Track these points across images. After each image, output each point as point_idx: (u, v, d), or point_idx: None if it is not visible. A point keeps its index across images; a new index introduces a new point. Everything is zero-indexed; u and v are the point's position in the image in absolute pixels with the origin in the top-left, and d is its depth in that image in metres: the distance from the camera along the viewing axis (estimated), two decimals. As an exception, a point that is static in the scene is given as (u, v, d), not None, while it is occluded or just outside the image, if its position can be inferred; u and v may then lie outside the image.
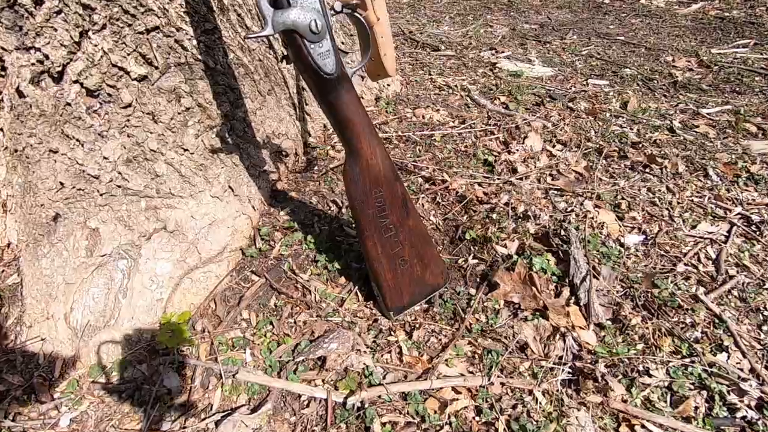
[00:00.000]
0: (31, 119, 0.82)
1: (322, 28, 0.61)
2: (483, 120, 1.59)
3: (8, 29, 0.79)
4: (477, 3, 3.48)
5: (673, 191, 1.36)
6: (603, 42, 2.62)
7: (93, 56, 0.81)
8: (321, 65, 0.63)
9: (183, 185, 0.87)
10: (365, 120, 0.70)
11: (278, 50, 1.13)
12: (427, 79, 1.87)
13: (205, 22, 0.92)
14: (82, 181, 0.81)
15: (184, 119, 0.88)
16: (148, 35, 0.86)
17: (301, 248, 0.95)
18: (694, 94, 2.03)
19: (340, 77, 0.66)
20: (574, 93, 1.98)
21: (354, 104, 0.68)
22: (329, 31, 0.63)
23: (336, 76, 0.65)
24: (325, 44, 0.63)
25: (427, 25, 2.91)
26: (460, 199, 1.13)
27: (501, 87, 1.88)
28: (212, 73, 0.93)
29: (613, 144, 1.58)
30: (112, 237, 0.79)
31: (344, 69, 0.67)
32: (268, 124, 1.09)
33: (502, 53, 2.36)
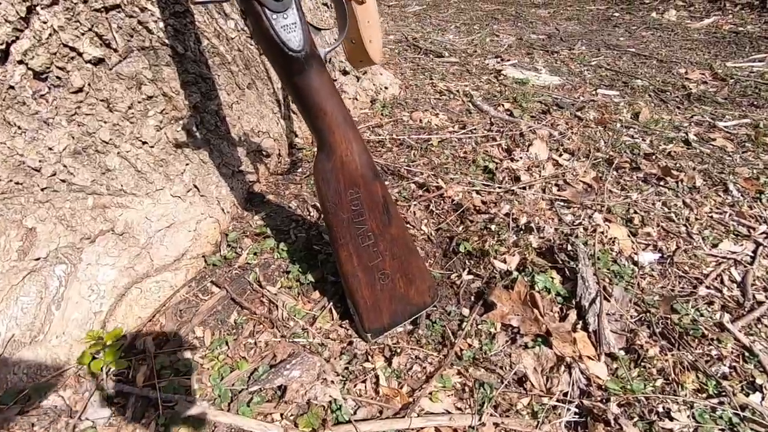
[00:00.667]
0: (-31, 103, 0.72)
1: (287, -4, 0.51)
2: (485, 126, 1.49)
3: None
4: (484, 14, 3.42)
5: (691, 206, 1.25)
6: (613, 53, 2.53)
7: (40, 34, 0.72)
8: (285, 40, 0.53)
9: (138, 182, 0.77)
10: (339, 108, 0.60)
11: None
12: (427, 84, 1.78)
13: (175, 4, 0.84)
14: (21, 174, 0.71)
15: (145, 108, 0.79)
16: (107, 14, 0.77)
17: (272, 257, 0.84)
18: (710, 106, 1.92)
19: (309, 56, 0.56)
20: (582, 102, 1.88)
21: (326, 89, 0.58)
22: (296, 2, 0.53)
23: (304, 54, 0.55)
24: (291, 15, 0.53)
25: (432, 33, 2.84)
26: (455, 207, 1.03)
27: (505, 94, 1.79)
28: (181, 60, 0.84)
29: (625, 155, 1.47)
30: (51, 238, 0.69)
31: (314, 48, 0.57)
32: (246, 120, 0.99)
33: (507, 61, 2.27)
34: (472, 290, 0.86)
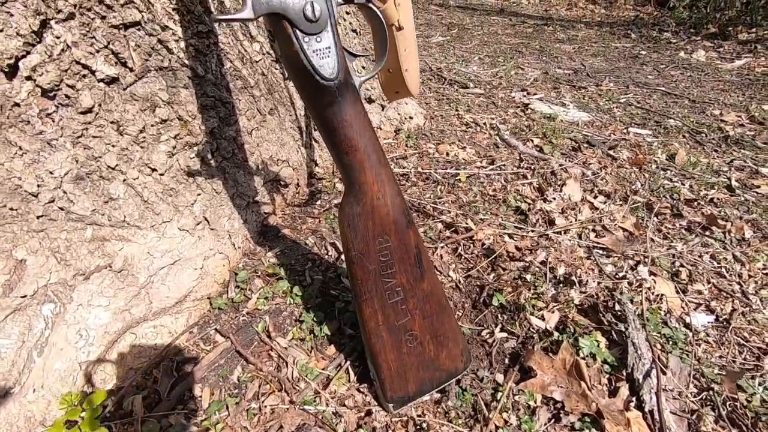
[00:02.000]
0: (-30, 119, 0.67)
1: (322, 15, 0.45)
2: (514, 162, 1.41)
3: (-41, 13, 0.66)
4: (508, 47, 3.40)
5: (742, 261, 1.13)
6: (642, 91, 2.46)
7: (52, 49, 0.67)
8: (317, 66, 0.46)
9: (143, 213, 0.70)
10: (373, 144, 0.52)
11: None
12: (453, 115, 1.72)
13: (198, 23, 0.78)
14: (17, 199, 0.65)
15: (157, 133, 0.73)
16: (125, 31, 0.71)
17: (284, 302, 0.76)
18: (750, 151, 1.82)
19: (342, 85, 0.48)
20: (614, 141, 1.80)
21: (359, 123, 0.51)
22: (331, 20, 0.46)
23: (337, 83, 0.48)
24: (325, 38, 0.46)
25: (456, 63, 2.82)
26: (487, 252, 0.93)
27: (534, 128, 1.71)
28: (200, 83, 0.78)
29: (664, 200, 1.37)
30: (41, 273, 0.62)
31: (349, 75, 0.50)
32: (265, 148, 0.92)
33: (534, 95, 2.21)
34: (507, 351, 0.76)
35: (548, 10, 5.60)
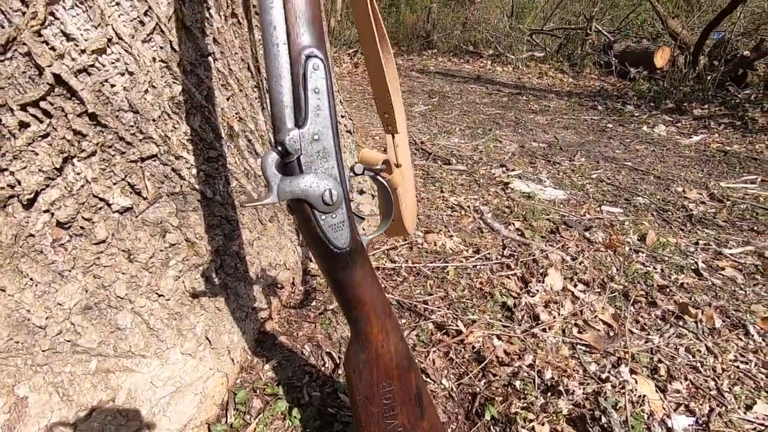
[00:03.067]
0: (-17, 249, 0.69)
1: (338, 198, 0.51)
2: (498, 249, 1.48)
3: (-16, 149, 0.70)
4: (486, 117, 3.63)
5: (714, 353, 1.20)
6: (611, 166, 2.64)
7: (72, 185, 0.71)
8: (332, 239, 0.52)
9: (149, 341, 0.71)
10: (379, 298, 0.57)
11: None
12: (438, 197, 1.81)
13: (209, 149, 0.84)
14: (23, 332, 0.66)
15: (166, 257, 0.76)
16: (142, 163, 0.77)
17: (283, 425, 0.76)
18: (712, 230, 1.96)
19: (353, 251, 0.54)
20: (589, 220, 1.91)
21: (367, 281, 0.56)
22: (346, 200, 0.52)
23: (349, 250, 0.53)
24: (340, 215, 0.52)
25: (438, 135, 2.98)
26: (477, 357, 0.97)
27: (515, 210, 1.81)
28: (209, 204, 0.83)
29: (639, 286, 1.45)
30: (43, 412, 0.62)
31: (358, 236, 0.56)
32: (265, 255, 0.96)
33: (513, 171, 2.35)
34: (500, 468, 0.78)
35: (521, 78, 6.03)
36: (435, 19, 8.32)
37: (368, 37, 0.71)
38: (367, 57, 0.73)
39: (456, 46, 7.73)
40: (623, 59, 6.30)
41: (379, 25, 0.72)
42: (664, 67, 6.14)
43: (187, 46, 0.80)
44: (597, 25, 7.20)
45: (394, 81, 0.76)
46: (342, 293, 0.55)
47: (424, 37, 8.30)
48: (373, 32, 0.70)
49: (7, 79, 0.68)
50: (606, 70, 6.44)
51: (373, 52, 0.71)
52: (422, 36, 8.45)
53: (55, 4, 0.67)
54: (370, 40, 0.70)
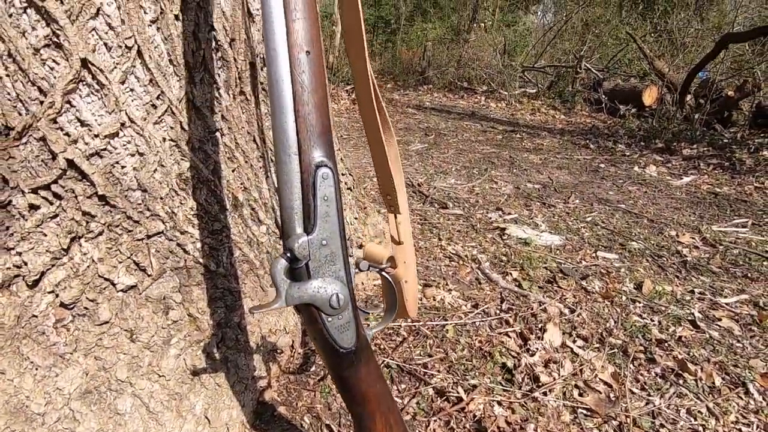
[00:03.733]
0: (-15, 330, 0.69)
1: (345, 301, 0.52)
2: (496, 303, 1.49)
3: (-7, 229, 0.71)
4: (481, 156, 3.70)
5: (716, 414, 1.19)
6: (605, 209, 2.69)
7: (78, 266, 0.72)
8: (338, 339, 0.52)
9: (148, 425, 0.70)
10: (383, 393, 0.57)
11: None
12: (437, 246, 1.83)
13: (214, 222, 0.86)
14: (21, 420, 0.65)
15: (168, 335, 0.76)
16: (147, 240, 0.78)
17: None
18: (707, 277, 1.98)
19: (359, 349, 0.54)
20: (585, 267, 1.93)
21: (372, 376, 0.56)
22: (352, 300, 0.53)
23: (354, 350, 0.54)
24: (345, 315, 0.53)
25: (435, 176, 3.03)
26: (479, 428, 0.96)
27: (512, 259, 1.83)
28: (212, 276, 0.84)
29: (638, 341, 1.46)
30: (36, 508, 0.60)
31: (362, 329, 0.57)
32: (265, 322, 0.96)
33: (508, 215, 2.38)
34: None
35: (514, 115, 6.20)
36: (430, 56, 8.60)
37: (372, 124, 0.74)
38: (370, 141, 0.76)
39: (451, 82, 7.96)
40: (612, 97, 6.51)
41: (381, 111, 0.75)
42: (653, 105, 6.34)
43: (196, 125, 0.82)
44: (586, 64, 7.46)
45: (396, 162, 0.79)
46: (347, 390, 0.55)
47: (420, 73, 8.55)
48: (377, 119, 0.73)
49: (20, 162, 0.70)
50: (596, 107, 6.64)
51: (376, 137, 0.74)
52: (418, 72, 8.71)
53: (72, 93, 0.70)
54: (374, 127, 0.73)
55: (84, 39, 0.68)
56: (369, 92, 0.72)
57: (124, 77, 0.72)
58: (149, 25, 0.73)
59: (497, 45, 8.51)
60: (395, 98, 7.06)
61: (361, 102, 0.74)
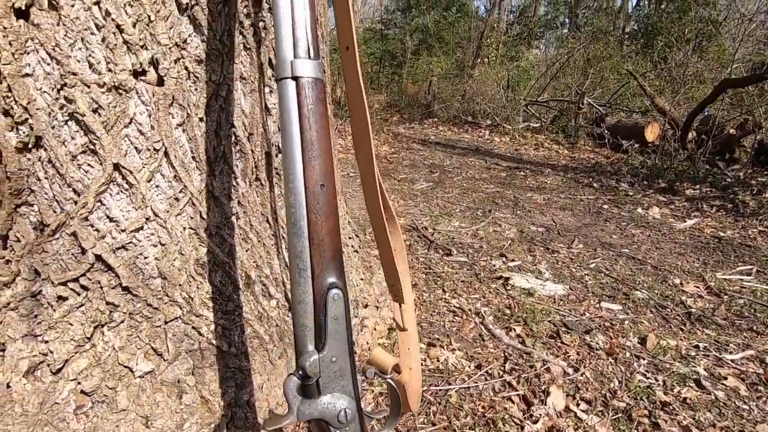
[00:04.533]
0: (9, 416, 0.73)
1: (352, 416, 0.55)
2: (500, 362, 1.50)
3: (22, 317, 0.76)
4: (485, 196, 3.76)
5: (723, 488, 1.19)
6: (609, 254, 2.71)
7: (101, 355, 0.76)
8: (344, 448, 0.56)
9: None
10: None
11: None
12: (440, 299, 1.86)
13: (228, 302, 0.90)
14: None
15: (181, 419, 0.79)
16: (165, 326, 0.82)
17: None
18: (712, 330, 1.98)
19: (365, 457, 0.57)
20: (589, 320, 1.94)
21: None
22: (359, 411, 0.57)
23: (360, 458, 0.57)
24: (353, 427, 0.56)
25: (439, 218, 3.08)
26: (481, 506, 0.96)
27: (515, 312, 1.85)
28: (224, 357, 0.88)
29: (642, 403, 1.46)
30: None
31: None
32: (273, 396, 0.99)
33: (512, 261, 2.41)
34: None
35: (518, 150, 6.29)
36: (435, 90, 8.81)
37: (377, 217, 0.79)
38: (375, 232, 0.81)
39: (455, 116, 8.13)
40: (615, 132, 6.61)
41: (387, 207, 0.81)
42: (655, 141, 6.42)
43: (214, 212, 0.88)
44: (589, 99, 7.61)
45: (400, 253, 0.83)
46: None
47: (426, 107, 8.75)
48: (382, 216, 0.78)
49: (52, 255, 0.76)
50: (599, 142, 6.73)
51: (380, 229, 0.79)
52: (423, 105, 8.91)
53: (104, 193, 0.76)
54: (379, 222, 0.78)
55: (117, 146, 0.75)
56: (375, 191, 0.77)
57: (151, 176, 0.79)
58: (176, 128, 0.80)
59: (501, 80, 8.72)
60: (401, 132, 7.22)
61: (368, 197, 0.79)
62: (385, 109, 9.59)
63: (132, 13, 0.71)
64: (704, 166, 4.77)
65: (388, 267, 0.79)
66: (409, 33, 13.09)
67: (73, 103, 0.71)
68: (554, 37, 13.58)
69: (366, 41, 14.31)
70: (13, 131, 0.71)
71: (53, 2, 0.67)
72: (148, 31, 0.73)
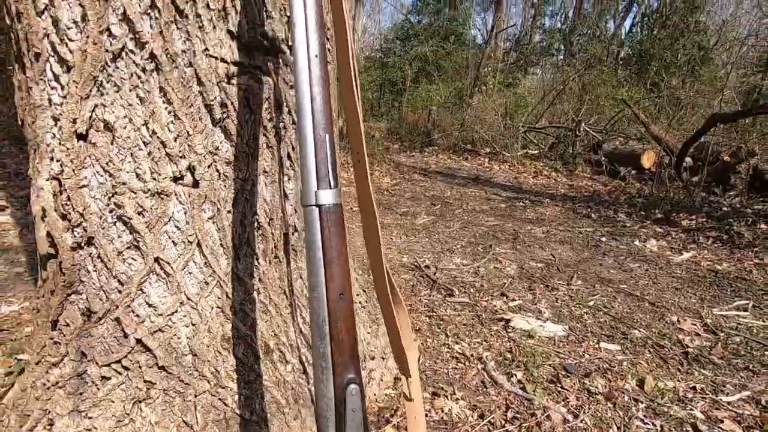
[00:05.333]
0: (57, 489, 0.81)
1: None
2: (502, 410, 1.57)
3: (69, 395, 0.85)
4: (486, 230, 3.85)
5: None
6: (607, 290, 2.78)
7: (139, 429, 0.84)
8: None
9: None
10: None
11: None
12: (443, 344, 1.93)
13: (249, 372, 0.99)
14: None
15: (209, 488, 0.87)
16: (195, 399, 0.91)
17: None
18: (709, 370, 2.03)
19: None
20: (588, 362, 2.00)
21: None
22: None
23: None
24: None
25: (441, 254, 3.17)
26: None
27: (516, 357, 1.92)
28: (246, 425, 0.96)
29: (640, 451, 1.51)
30: None
31: None
32: (289, 456, 1.07)
33: (513, 301, 2.49)
34: None
35: (517, 178, 6.42)
36: (435, 119, 9.03)
37: (385, 299, 0.88)
38: (383, 310, 0.90)
39: (455, 144, 8.31)
40: (612, 160, 6.75)
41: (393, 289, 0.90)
42: (652, 168, 6.55)
43: (238, 291, 0.98)
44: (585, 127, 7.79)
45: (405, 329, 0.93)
46: None
47: (426, 135, 8.95)
48: (391, 301, 0.88)
49: (97, 339, 0.85)
50: (597, 169, 6.86)
51: (389, 316, 0.88)
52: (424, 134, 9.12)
53: (145, 282, 0.86)
54: (388, 307, 0.88)
55: (157, 241, 0.85)
56: (384, 282, 0.87)
57: (185, 264, 0.89)
58: (207, 221, 0.90)
59: (498, 107, 8.94)
60: (402, 161, 7.38)
61: (378, 286, 0.89)
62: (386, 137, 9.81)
63: (174, 129, 0.83)
64: (700, 194, 4.87)
65: (396, 344, 0.88)
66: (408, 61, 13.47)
67: (122, 207, 0.82)
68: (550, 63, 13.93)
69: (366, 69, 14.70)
70: (68, 232, 0.81)
71: (109, 125, 0.79)
72: (186, 143, 0.84)
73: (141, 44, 0.78)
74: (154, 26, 0.78)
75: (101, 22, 0.75)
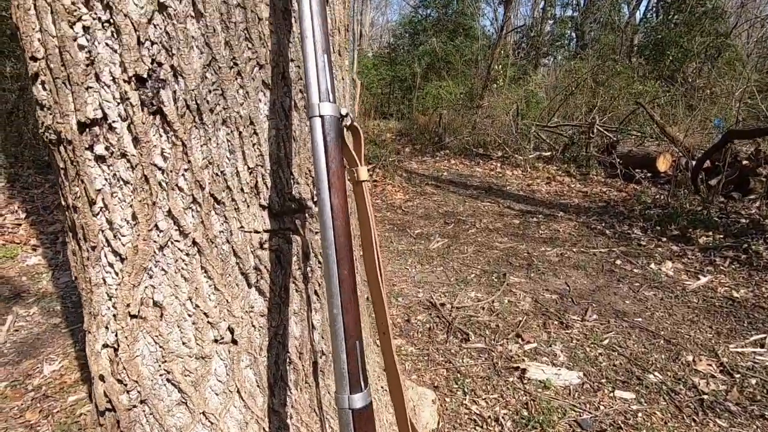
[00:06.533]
0: None
1: None
2: (520, 480, 1.65)
3: None
4: (499, 253, 3.89)
5: None
6: (622, 326, 2.81)
7: None
8: None
9: None
10: None
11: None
12: (461, 404, 2.01)
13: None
14: None
15: None
16: None
17: None
18: (724, 420, 2.07)
19: None
20: (603, 414, 2.06)
21: None
22: None
23: None
24: None
25: (456, 287, 3.23)
26: None
27: (533, 416, 1.98)
28: None
29: None
30: None
31: None
32: None
33: (528, 344, 2.54)
34: None
35: (530, 185, 6.40)
36: (446, 123, 8.99)
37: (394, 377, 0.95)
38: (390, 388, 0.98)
39: (466, 148, 8.28)
40: (627, 163, 6.66)
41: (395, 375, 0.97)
42: (667, 171, 6.46)
43: (273, 422, 1.06)
44: (599, 126, 7.67)
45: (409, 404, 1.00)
46: None
47: (437, 138, 8.93)
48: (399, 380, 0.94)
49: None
50: (611, 172, 6.78)
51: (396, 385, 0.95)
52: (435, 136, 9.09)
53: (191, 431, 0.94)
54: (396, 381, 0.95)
55: (203, 398, 0.93)
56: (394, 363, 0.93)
57: (227, 411, 0.97)
58: (244, 368, 0.98)
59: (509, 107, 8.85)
60: (413, 167, 7.40)
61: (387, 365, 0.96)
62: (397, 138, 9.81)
63: (214, 299, 0.90)
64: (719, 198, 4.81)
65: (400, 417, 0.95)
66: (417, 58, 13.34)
67: (171, 373, 0.90)
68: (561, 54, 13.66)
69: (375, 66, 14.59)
70: (125, 394, 0.90)
71: (158, 303, 0.87)
72: (225, 309, 0.92)
73: (184, 234, 0.85)
74: (195, 217, 0.85)
75: (150, 222, 0.82)
